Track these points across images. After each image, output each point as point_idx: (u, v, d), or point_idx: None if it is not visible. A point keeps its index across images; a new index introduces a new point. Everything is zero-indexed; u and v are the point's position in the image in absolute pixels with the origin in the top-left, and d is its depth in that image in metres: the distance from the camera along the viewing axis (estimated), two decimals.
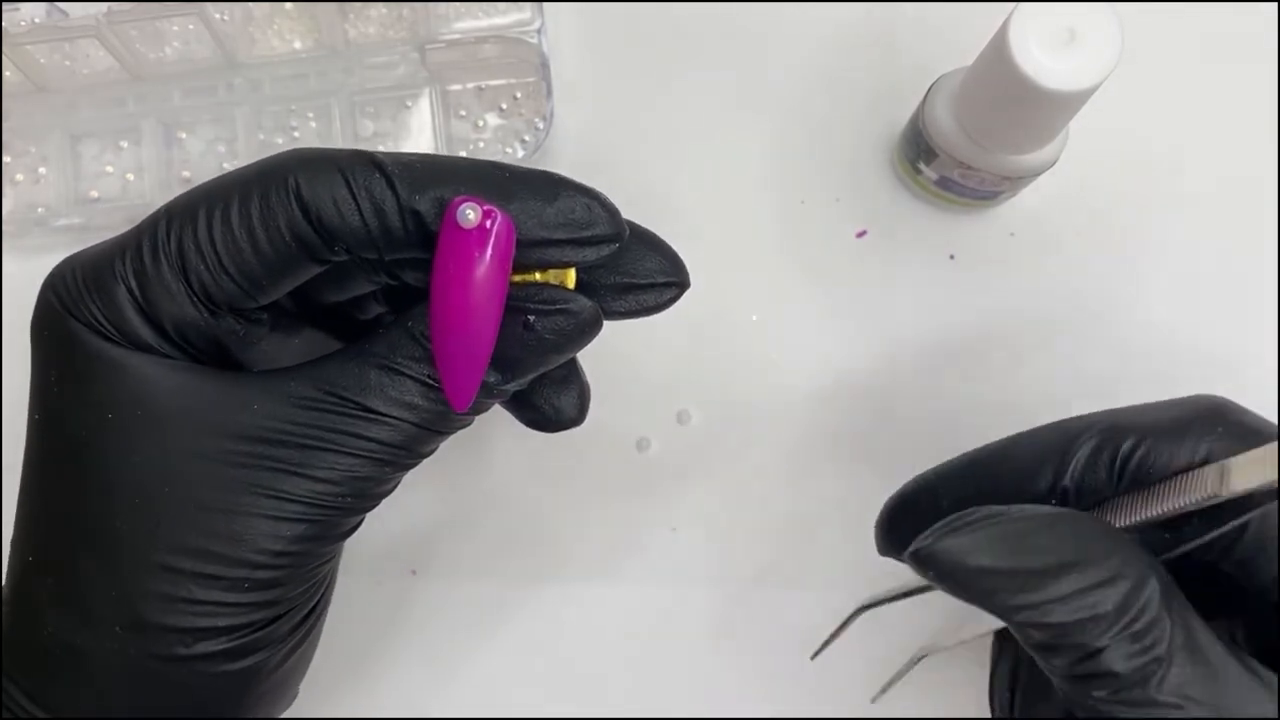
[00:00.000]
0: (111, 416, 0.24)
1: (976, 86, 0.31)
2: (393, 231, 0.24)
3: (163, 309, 0.25)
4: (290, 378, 0.25)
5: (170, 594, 0.24)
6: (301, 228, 0.24)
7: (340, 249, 0.25)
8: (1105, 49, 0.28)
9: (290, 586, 0.25)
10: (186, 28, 0.38)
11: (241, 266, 0.24)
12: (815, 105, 0.38)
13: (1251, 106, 0.38)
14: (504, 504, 0.37)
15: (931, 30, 0.38)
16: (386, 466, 0.25)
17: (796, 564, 0.36)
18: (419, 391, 0.25)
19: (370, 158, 0.24)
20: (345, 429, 0.24)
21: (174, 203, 0.25)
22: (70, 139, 0.38)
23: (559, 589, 0.36)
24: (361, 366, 0.25)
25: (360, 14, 0.38)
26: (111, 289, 0.25)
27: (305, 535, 0.25)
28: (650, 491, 0.36)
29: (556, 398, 0.28)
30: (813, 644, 0.33)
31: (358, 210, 0.24)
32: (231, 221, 0.24)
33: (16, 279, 0.38)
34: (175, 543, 0.24)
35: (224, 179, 0.25)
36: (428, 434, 0.25)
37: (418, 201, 0.24)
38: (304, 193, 0.24)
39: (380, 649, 0.36)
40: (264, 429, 0.24)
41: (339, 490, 0.25)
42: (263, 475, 0.24)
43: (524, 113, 0.38)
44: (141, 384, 0.24)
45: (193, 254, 0.24)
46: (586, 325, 0.25)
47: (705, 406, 0.37)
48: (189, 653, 0.24)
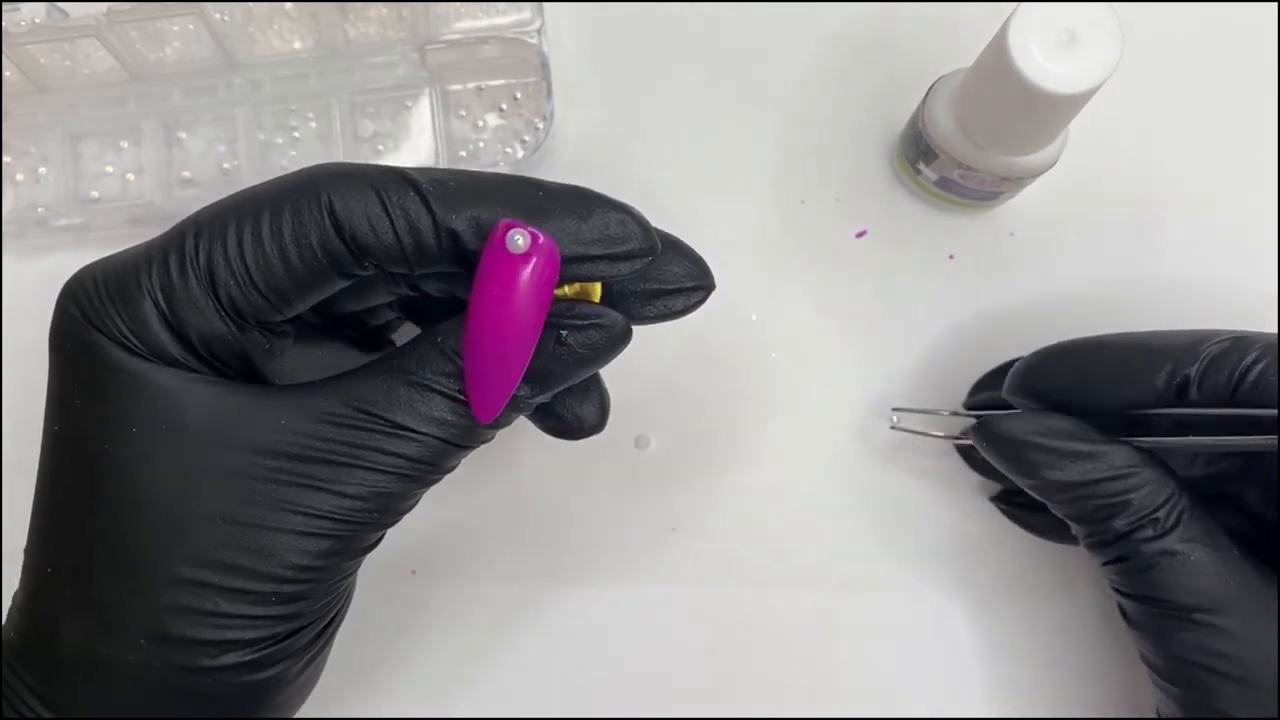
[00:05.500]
0: (136, 430, 0.24)
1: (976, 87, 0.31)
2: (427, 250, 0.24)
3: (189, 323, 0.25)
4: (319, 394, 0.25)
5: (197, 607, 0.24)
6: (334, 244, 0.24)
7: (370, 264, 0.25)
8: (1105, 50, 0.28)
9: (313, 600, 0.26)
10: (187, 28, 0.38)
11: (271, 281, 0.25)
12: (815, 105, 0.38)
13: (1252, 107, 0.38)
14: (503, 503, 0.37)
15: (931, 30, 0.38)
16: (413, 483, 0.25)
17: (797, 564, 0.36)
18: (448, 407, 0.25)
19: (403, 174, 0.24)
20: (375, 445, 0.25)
21: (201, 215, 0.25)
22: (70, 139, 0.38)
23: (558, 589, 0.36)
24: (391, 383, 0.25)
25: (360, 14, 0.38)
26: (137, 302, 0.25)
27: (331, 550, 0.25)
28: (649, 490, 0.36)
29: (579, 406, 0.28)
30: (814, 644, 0.33)
31: (392, 228, 0.24)
32: (263, 236, 0.24)
33: (16, 279, 0.38)
34: (202, 557, 0.24)
35: (253, 192, 0.25)
36: (454, 449, 0.26)
37: (454, 221, 0.24)
38: (337, 209, 0.24)
39: (379, 649, 0.36)
40: (293, 445, 0.24)
41: (367, 506, 0.25)
42: (291, 491, 0.24)
43: (524, 113, 0.38)
44: (166, 398, 0.24)
45: (222, 268, 0.24)
46: (618, 339, 0.26)
47: (705, 406, 0.37)
48: (213, 664, 0.25)
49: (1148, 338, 0.29)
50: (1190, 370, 0.27)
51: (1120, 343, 0.30)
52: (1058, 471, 0.29)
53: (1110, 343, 0.30)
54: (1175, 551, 0.28)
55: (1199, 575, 0.28)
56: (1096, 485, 0.28)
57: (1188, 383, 0.28)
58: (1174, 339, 0.29)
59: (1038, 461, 0.29)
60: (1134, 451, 0.29)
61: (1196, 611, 0.27)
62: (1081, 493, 0.29)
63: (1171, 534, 0.28)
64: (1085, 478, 0.28)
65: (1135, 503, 0.28)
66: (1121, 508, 0.28)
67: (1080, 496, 0.29)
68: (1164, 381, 0.28)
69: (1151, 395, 0.28)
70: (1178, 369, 0.28)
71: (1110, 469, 0.28)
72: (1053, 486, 0.29)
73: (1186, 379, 0.28)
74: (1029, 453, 0.29)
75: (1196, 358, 0.27)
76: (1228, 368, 0.27)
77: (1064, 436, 0.29)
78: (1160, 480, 0.28)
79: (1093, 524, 0.29)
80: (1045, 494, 0.30)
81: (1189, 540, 0.28)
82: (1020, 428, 0.30)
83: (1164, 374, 0.28)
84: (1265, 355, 0.27)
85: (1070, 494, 0.29)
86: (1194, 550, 0.28)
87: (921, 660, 0.35)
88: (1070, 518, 0.30)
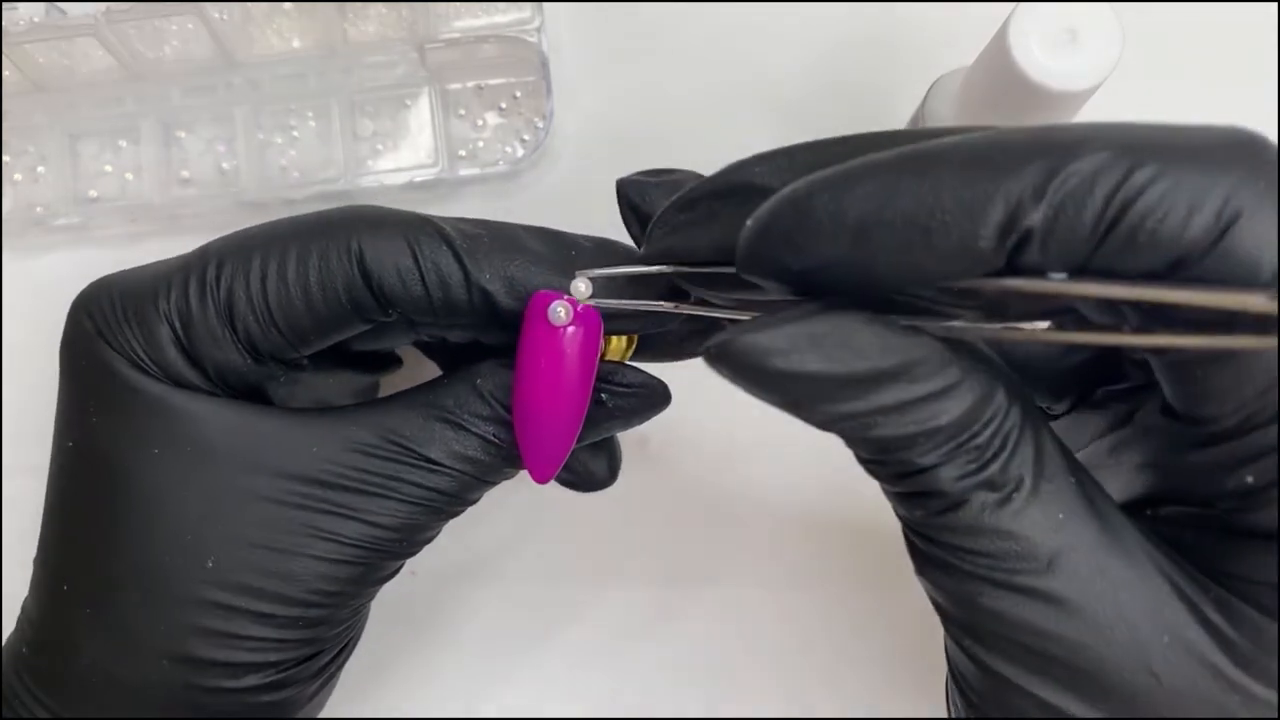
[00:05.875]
0: (158, 452, 0.24)
1: (977, 87, 0.31)
2: (457, 305, 0.24)
3: (204, 352, 0.25)
4: (351, 422, 0.25)
5: (220, 629, 0.24)
6: (360, 292, 0.24)
7: (394, 312, 0.25)
8: (1106, 49, 0.28)
9: (332, 625, 0.26)
10: (185, 27, 0.37)
11: (291, 322, 0.25)
12: (815, 105, 0.38)
13: (1253, 106, 0.38)
14: (502, 505, 0.37)
15: (931, 30, 0.38)
16: (439, 515, 0.26)
17: (798, 563, 0.36)
18: (481, 447, 0.25)
19: (436, 226, 0.25)
20: (405, 477, 0.25)
21: (226, 243, 0.25)
22: (69, 138, 0.38)
23: (558, 589, 0.36)
24: (426, 419, 0.25)
25: (359, 13, 0.38)
26: (153, 324, 0.25)
27: (355, 578, 0.25)
28: (649, 490, 0.36)
29: (591, 461, 0.29)
30: (813, 643, 0.33)
31: (422, 282, 0.24)
32: (288, 276, 0.24)
33: (15, 278, 0.38)
34: (227, 580, 0.24)
35: (283, 227, 0.25)
36: (482, 484, 0.26)
37: (487, 280, 0.24)
38: (367, 257, 0.24)
39: (379, 650, 0.36)
40: (325, 472, 0.24)
41: (394, 536, 0.25)
42: (319, 518, 0.24)
43: (524, 112, 0.38)
44: (189, 421, 0.24)
45: (242, 303, 0.24)
46: (657, 403, 0.26)
47: (704, 405, 0.37)
48: (234, 685, 0.25)
49: (962, 151, 0.17)
50: (1033, 218, 0.17)
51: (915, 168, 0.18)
52: (840, 404, 0.19)
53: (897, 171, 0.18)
54: (998, 486, 0.19)
55: (1025, 521, 0.19)
56: (891, 412, 0.19)
57: (1029, 237, 0.17)
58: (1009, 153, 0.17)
59: (810, 396, 0.19)
60: (946, 351, 0.19)
61: (1017, 572, 0.19)
62: (868, 421, 0.19)
63: (993, 463, 0.19)
64: (878, 405, 0.19)
65: (945, 426, 0.19)
66: (926, 436, 0.19)
67: (866, 426, 0.19)
68: (991, 238, 0.17)
69: (969, 261, 0.17)
70: (1016, 217, 0.17)
71: (913, 390, 0.18)
72: (832, 419, 0.19)
73: (1028, 234, 0.17)
74: (797, 385, 0.19)
75: (1044, 194, 0.17)
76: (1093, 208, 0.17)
77: (844, 351, 0.18)
78: (983, 388, 0.19)
79: (882, 453, 0.20)
80: (821, 426, 0.20)
81: (1018, 474, 0.19)
82: (777, 344, 0.18)
83: (991, 225, 0.17)
84: (1162, 174, 0.16)
85: (853, 423, 0.19)
86: (1022, 487, 0.19)
87: (923, 660, 0.35)
88: (850, 443, 0.21)
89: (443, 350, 0.31)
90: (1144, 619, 0.19)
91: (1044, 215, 0.17)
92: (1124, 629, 0.19)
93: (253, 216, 0.29)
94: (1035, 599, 0.19)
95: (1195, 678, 0.19)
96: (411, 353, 0.33)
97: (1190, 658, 0.19)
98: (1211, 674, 0.19)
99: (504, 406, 0.25)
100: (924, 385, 0.19)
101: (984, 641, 0.20)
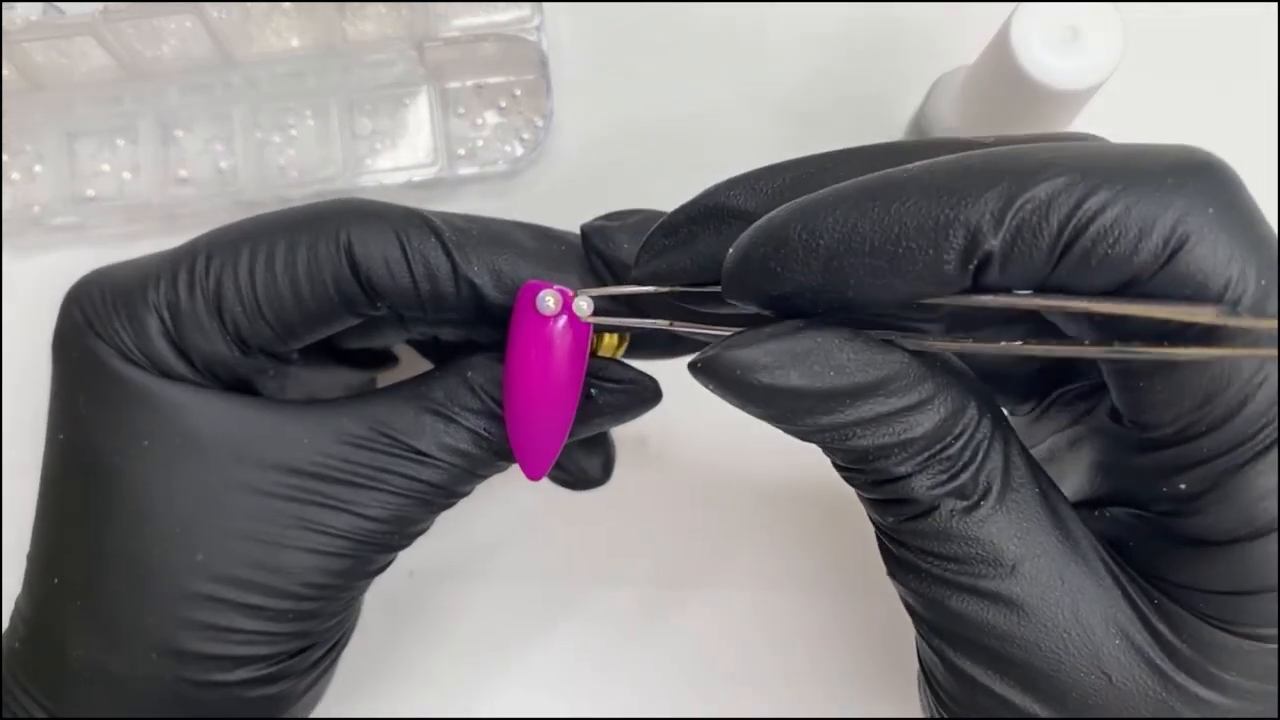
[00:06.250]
0: (148, 444, 0.24)
1: (978, 86, 0.31)
2: (444, 298, 0.24)
3: (192, 344, 0.25)
4: (342, 414, 0.25)
5: (212, 622, 0.24)
6: (347, 284, 0.24)
7: (383, 306, 0.25)
8: (1108, 47, 0.28)
9: (324, 618, 0.26)
10: (183, 25, 0.37)
11: (280, 314, 0.25)
12: (815, 105, 0.38)
13: (1253, 105, 0.38)
14: (501, 504, 0.37)
15: (932, 30, 0.38)
16: (431, 507, 0.26)
17: (798, 564, 0.36)
18: (471, 440, 0.25)
19: (424, 219, 0.24)
20: (396, 469, 0.25)
21: (215, 236, 0.25)
22: (67, 137, 0.38)
23: (557, 589, 0.36)
24: (417, 411, 0.25)
25: (358, 12, 0.38)
26: (142, 316, 0.25)
27: (347, 570, 0.25)
28: (649, 490, 0.36)
29: (585, 459, 0.29)
30: (814, 643, 0.33)
31: (410, 273, 0.24)
32: (276, 268, 0.24)
33: (14, 278, 0.38)
34: (218, 572, 0.24)
35: (271, 220, 0.25)
36: (473, 476, 0.26)
37: (475, 273, 0.24)
38: (355, 249, 0.24)
39: (378, 649, 0.36)
40: (315, 464, 0.24)
41: (385, 528, 0.25)
42: (311, 510, 0.24)
43: (523, 111, 0.38)
44: (178, 413, 0.24)
45: (231, 295, 0.24)
46: (647, 400, 0.26)
47: (704, 405, 0.37)
48: (225, 679, 0.25)
49: (924, 179, 0.18)
50: (991, 242, 0.18)
51: (880, 197, 0.19)
52: (820, 417, 0.20)
53: (864, 200, 0.19)
54: (967, 495, 0.20)
55: (991, 528, 0.20)
56: (868, 425, 0.20)
57: (989, 261, 0.18)
58: (969, 179, 0.18)
59: (792, 409, 0.20)
60: (920, 366, 0.20)
61: (982, 577, 0.20)
62: (847, 433, 0.20)
63: (964, 473, 0.20)
64: (856, 418, 0.20)
65: (919, 438, 0.20)
66: (901, 447, 0.20)
67: (845, 437, 0.20)
68: (954, 263, 0.18)
69: (935, 283, 0.19)
70: (974, 241, 0.18)
71: (890, 404, 0.20)
72: (812, 430, 0.20)
73: (988, 256, 0.18)
74: (779, 399, 0.20)
75: (1002, 221, 0.18)
76: (1049, 231, 0.18)
77: (824, 367, 0.20)
78: (956, 402, 0.20)
79: (859, 462, 0.21)
80: (801, 437, 0.21)
81: (986, 484, 0.20)
82: (760, 359, 0.20)
83: (953, 250, 0.18)
84: (1115, 200, 0.17)
85: (832, 434, 0.20)
86: (990, 496, 0.20)
87: None
88: (828, 452, 0.22)
89: (437, 350, 0.31)
90: (1099, 623, 0.20)
91: (1002, 241, 0.18)
92: (1079, 632, 0.20)
93: (250, 215, 0.29)
94: (998, 603, 0.20)
95: (1143, 679, 0.20)
96: (408, 352, 0.33)
97: (1139, 660, 0.20)
98: (1157, 676, 0.20)
99: (494, 400, 0.25)
100: (900, 399, 0.20)
101: (951, 642, 0.21)
